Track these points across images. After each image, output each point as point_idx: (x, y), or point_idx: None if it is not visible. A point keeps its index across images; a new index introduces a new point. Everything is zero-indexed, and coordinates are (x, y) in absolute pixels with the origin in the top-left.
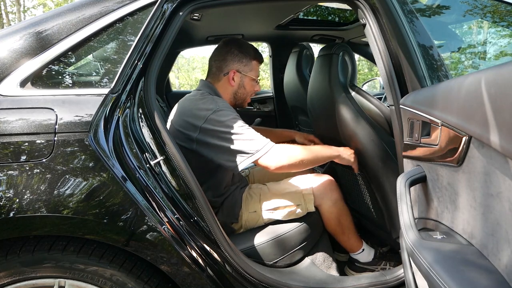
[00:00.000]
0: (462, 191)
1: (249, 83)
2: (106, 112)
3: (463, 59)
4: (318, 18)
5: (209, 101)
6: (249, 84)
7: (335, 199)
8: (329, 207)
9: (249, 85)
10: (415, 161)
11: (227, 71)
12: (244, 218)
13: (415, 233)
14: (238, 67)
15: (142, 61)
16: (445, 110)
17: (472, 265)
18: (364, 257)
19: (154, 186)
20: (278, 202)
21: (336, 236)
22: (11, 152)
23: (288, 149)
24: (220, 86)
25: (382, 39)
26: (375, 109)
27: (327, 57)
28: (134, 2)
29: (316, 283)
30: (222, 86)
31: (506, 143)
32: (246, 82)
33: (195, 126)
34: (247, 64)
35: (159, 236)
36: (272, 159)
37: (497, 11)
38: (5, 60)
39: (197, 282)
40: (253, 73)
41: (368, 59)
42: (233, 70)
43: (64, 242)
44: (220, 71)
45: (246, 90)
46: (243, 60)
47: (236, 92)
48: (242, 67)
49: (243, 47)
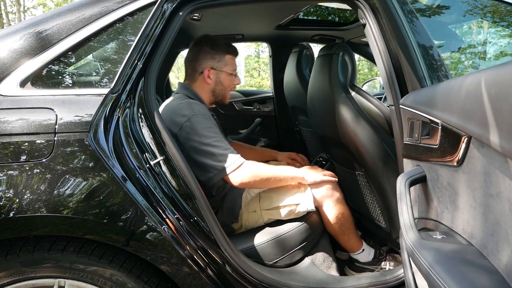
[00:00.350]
0: (462, 191)
1: (226, 78)
2: (106, 112)
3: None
4: (318, 18)
5: (184, 106)
6: (227, 79)
7: (336, 199)
8: (330, 207)
9: (227, 80)
10: (415, 161)
11: (201, 70)
12: (244, 218)
13: (415, 233)
14: (212, 64)
15: (142, 61)
16: (445, 110)
17: (472, 265)
18: (364, 257)
19: (154, 186)
20: (278, 202)
21: (336, 236)
22: (11, 152)
23: (255, 168)
24: (197, 86)
25: (382, 39)
26: (375, 109)
27: (327, 57)
28: (134, 2)
29: (316, 283)
30: (199, 86)
31: (506, 143)
32: (222, 78)
33: (172, 133)
34: (220, 59)
35: (159, 236)
36: (238, 176)
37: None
38: (5, 60)
39: (197, 282)
40: (228, 67)
41: (368, 59)
42: (207, 68)
43: (64, 242)
44: (195, 71)
45: (224, 85)
46: (215, 57)
47: (214, 89)
48: (216, 64)
49: (214, 43)
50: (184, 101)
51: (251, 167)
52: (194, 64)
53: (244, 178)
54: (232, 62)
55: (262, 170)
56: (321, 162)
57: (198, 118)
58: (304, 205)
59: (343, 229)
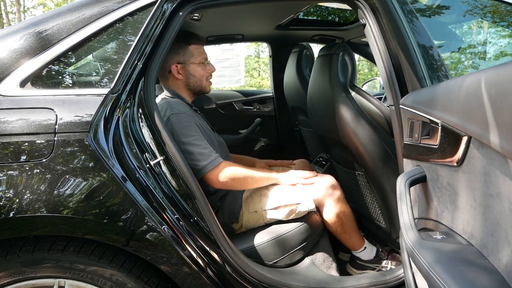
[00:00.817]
0: (462, 191)
1: (196, 69)
2: (106, 112)
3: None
4: (318, 18)
5: (164, 107)
6: (197, 70)
7: (337, 198)
8: (331, 206)
9: (198, 71)
10: (415, 161)
11: (169, 68)
12: (244, 218)
13: (415, 233)
14: (177, 59)
15: (142, 61)
16: (445, 110)
17: (472, 265)
18: (366, 255)
19: (154, 186)
20: (278, 201)
21: (338, 235)
22: (11, 152)
23: (232, 169)
24: (171, 83)
25: (382, 39)
26: (375, 109)
27: (327, 57)
28: (134, 2)
29: (316, 283)
30: (172, 83)
31: (506, 143)
32: (192, 70)
33: None
34: (184, 52)
35: (159, 236)
36: (216, 176)
37: (497, 11)
38: (5, 60)
39: (197, 282)
40: (195, 58)
41: (368, 59)
42: (174, 65)
43: (64, 242)
44: (164, 70)
45: (196, 77)
46: (179, 51)
47: (188, 83)
48: (181, 57)
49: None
50: (163, 102)
51: (228, 168)
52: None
53: (221, 177)
54: (199, 52)
55: (238, 171)
56: (321, 162)
57: (177, 117)
58: (305, 205)
59: (345, 228)
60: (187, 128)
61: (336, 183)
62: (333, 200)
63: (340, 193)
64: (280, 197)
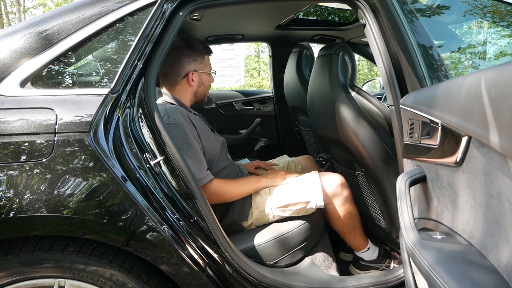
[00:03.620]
0: (462, 191)
1: (206, 79)
2: (106, 112)
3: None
4: (318, 18)
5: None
6: (207, 80)
7: (345, 198)
8: (339, 206)
9: (207, 80)
10: (415, 161)
11: (185, 73)
12: (254, 216)
13: (415, 233)
14: (195, 66)
15: (142, 61)
16: (445, 110)
17: (472, 265)
18: (369, 255)
19: (154, 186)
20: (288, 200)
21: (343, 234)
22: (11, 152)
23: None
24: (179, 90)
25: (382, 39)
26: (375, 109)
27: (327, 57)
28: (134, 2)
29: (317, 283)
30: (181, 89)
31: (506, 143)
32: (204, 79)
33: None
34: (201, 61)
35: (159, 236)
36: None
37: (497, 11)
38: (5, 60)
39: (197, 282)
40: (208, 68)
41: (368, 59)
42: (191, 71)
43: (64, 242)
44: (178, 75)
45: (205, 86)
46: (197, 58)
47: (197, 91)
48: (198, 66)
49: (194, 45)
50: (160, 108)
51: (216, 188)
52: (177, 68)
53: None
54: (209, 62)
55: (226, 189)
56: (321, 162)
57: (174, 126)
58: (314, 202)
59: (350, 228)
60: (181, 142)
61: (345, 182)
62: (342, 199)
63: (349, 193)
64: (289, 195)
